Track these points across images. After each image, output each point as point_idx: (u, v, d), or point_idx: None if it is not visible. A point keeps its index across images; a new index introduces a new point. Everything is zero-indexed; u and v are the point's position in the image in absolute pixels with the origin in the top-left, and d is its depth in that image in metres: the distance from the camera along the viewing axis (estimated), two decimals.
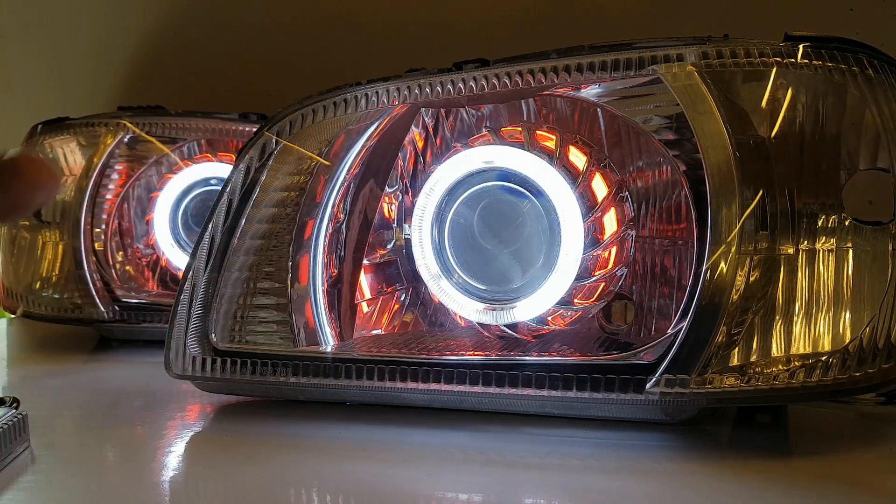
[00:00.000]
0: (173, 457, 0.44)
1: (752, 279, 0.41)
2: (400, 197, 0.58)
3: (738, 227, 0.41)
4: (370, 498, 0.37)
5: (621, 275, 0.52)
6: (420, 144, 0.57)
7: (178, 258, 0.77)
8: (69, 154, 0.77)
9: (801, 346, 0.42)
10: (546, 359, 0.45)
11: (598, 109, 0.52)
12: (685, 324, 0.41)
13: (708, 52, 0.43)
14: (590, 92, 0.49)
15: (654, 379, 0.41)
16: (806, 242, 0.42)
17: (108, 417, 0.53)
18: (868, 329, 0.40)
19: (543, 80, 0.47)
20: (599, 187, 0.50)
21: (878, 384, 0.41)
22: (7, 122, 1.10)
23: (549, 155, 0.49)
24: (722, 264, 0.41)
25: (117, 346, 0.77)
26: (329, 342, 0.54)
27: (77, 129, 0.77)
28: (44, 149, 0.77)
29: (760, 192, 0.41)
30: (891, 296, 0.41)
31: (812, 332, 0.42)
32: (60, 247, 0.75)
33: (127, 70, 1.05)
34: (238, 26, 1.00)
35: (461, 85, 0.49)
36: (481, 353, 0.49)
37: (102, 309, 0.74)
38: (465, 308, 0.51)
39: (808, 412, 0.52)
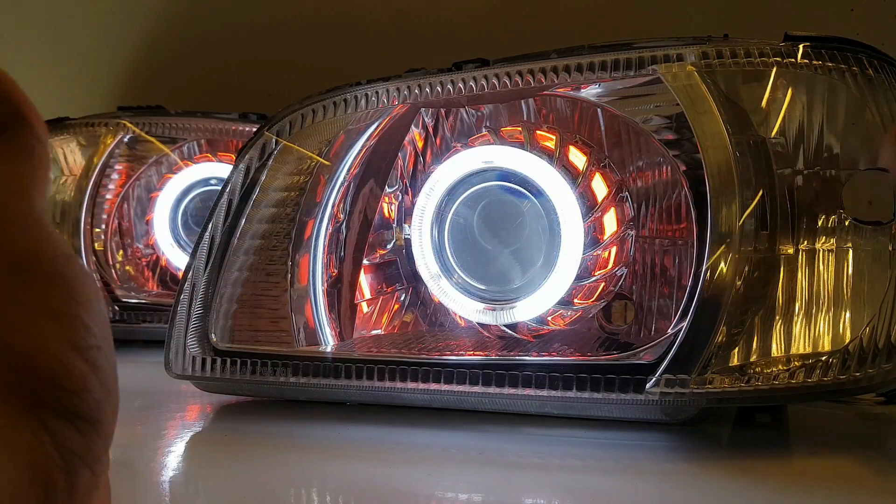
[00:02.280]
0: (173, 457, 0.43)
1: (752, 279, 0.41)
2: (400, 197, 0.58)
3: (738, 227, 0.41)
4: (370, 498, 0.37)
5: (621, 275, 0.51)
6: (420, 144, 0.57)
7: (177, 258, 0.76)
8: (69, 154, 0.77)
9: (801, 346, 0.42)
10: (546, 359, 0.45)
11: (598, 109, 0.52)
12: (685, 324, 0.41)
13: (708, 52, 0.43)
14: (590, 92, 0.49)
15: (654, 379, 0.41)
16: (806, 242, 0.42)
17: None
18: (868, 329, 0.40)
19: (543, 80, 0.47)
20: (599, 187, 0.50)
21: (878, 384, 0.41)
22: None
23: (549, 155, 0.49)
24: (722, 264, 0.41)
25: (117, 346, 0.76)
26: (329, 342, 0.53)
27: (77, 129, 0.77)
28: None
29: (760, 192, 0.41)
30: (891, 296, 0.40)
31: (812, 332, 0.42)
32: None
33: (127, 70, 1.05)
34: (238, 26, 1.00)
35: (461, 85, 0.49)
36: (481, 353, 0.48)
37: None
38: (465, 308, 0.51)
39: (808, 412, 0.52)
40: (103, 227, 0.78)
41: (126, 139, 0.77)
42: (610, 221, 0.50)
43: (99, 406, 0.24)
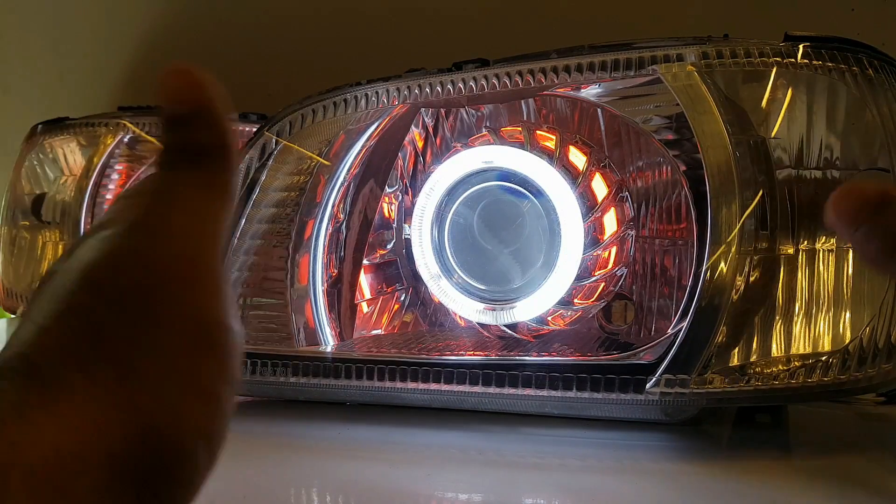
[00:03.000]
0: None
1: (751, 279, 0.41)
2: (400, 197, 0.58)
3: (738, 227, 0.41)
4: (370, 498, 0.37)
5: (621, 275, 0.51)
6: (420, 144, 0.57)
7: None
8: (69, 154, 0.77)
9: (801, 346, 0.42)
10: (546, 359, 0.45)
11: (598, 109, 0.52)
12: (685, 324, 0.41)
13: (708, 52, 0.43)
14: (590, 92, 0.49)
15: (654, 379, 0.41)
16: (806, 242, 0.42)
17: None
18: (868, 329, 0.41)
19: (543, 80, 0.47)
20: (599, 187, 0.50)
21: (878, 384, 0.41)
22: (7, 122, 1.10)
23: (548, 155, 0.49)
24: (722, 264, 0.41)
25: None
26: (329, 342, 0.53)
27: (77, 129, 0.77)
28: (44, 149, 0.77)
29: (760, 192, 0.41)
30: (891, 296, 0.41)
31: (812, 332, 0.42)
32: (60, 247, 0.75)
33: (127, 70, 1.05)
34: (237, 26, 1.00)
35: (461, 85, 0.49)
36: (481, 353, 0.49)
37: None
38: (465, 308, 0.51)
39: (807, 412, 0.52)
40: None
41: (126, 139, 0.77)
42: (610, 221, 0.50)
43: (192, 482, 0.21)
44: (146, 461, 0.20)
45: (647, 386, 0.42)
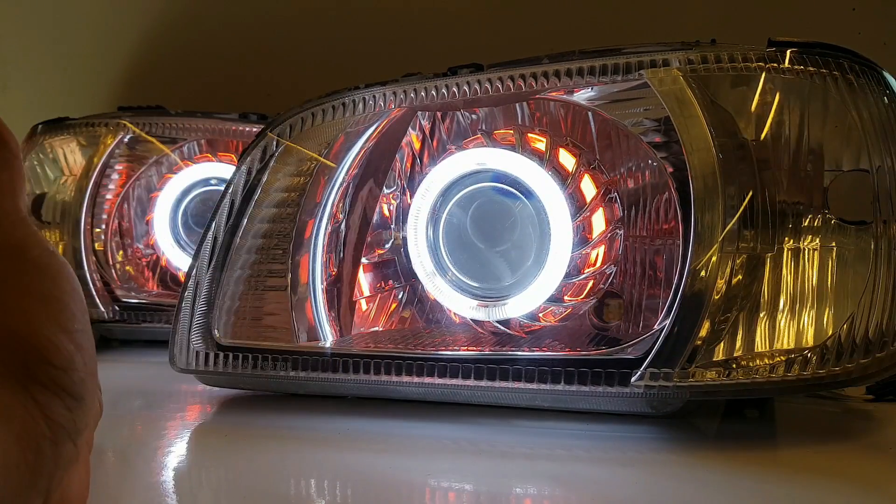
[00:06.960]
0: (173, 457, 0.44)
1: (735, 277, 0.42)
2: (398, 197, 0.59)
3: (720, 227, 0.42)
4: (367, 488, 0.38)
5: (610, 273, 0.52)
6: (417, 146, 0.58)
7: (177, 258, 0.77)
8: (69, 154, 0.78)
9: (783, 341, 0.42)
10: (536, 354, 0.46)
11: (590, 113, 0.53)
12: (669, 320, 0.42)
13: (693, 58, 0.44)
14: (581, 95, 0.50)
15: (638, 373, 0.42)
16: (790, 242, 0.43)
17: (108, 417, 0.52)
18: (846, 326, 0.41)
19: (534, 85, 0.48)
20: (588, 188, 0.51)
21: (856, 378, 0.42)
22: (7, 122, 1.10)
23: (539, 157, 0.50)
24: (705, 263, 0.42)
25: (117, 346, 0.77)
26: (328, 338, 0.54)
27: (77, 129, 0.77)
28: (44, 149, 0.78)
29: (744, 194, 0.42)
30: (868, 293, 0.41)
31: (795, 328, 0.42)
32: (60, 247, 0.75)
33: (127, 70, 1.06)
34: (238, 26, 1.01)
35: (455, 89, 0.50)
36: (475, 348, 0.50)
37: (102, 309, 0.74)
38: (459, 305, 0.52)
39: (795, 408, 0.52)
40: (103, 227, 0.78)
41: (126, 139, 0.77)
42: (598, 221, 0.51)
43: (83, 383, 0.27)
44: (16, 361, 0.26)
45: (632, 379, 0.42)
